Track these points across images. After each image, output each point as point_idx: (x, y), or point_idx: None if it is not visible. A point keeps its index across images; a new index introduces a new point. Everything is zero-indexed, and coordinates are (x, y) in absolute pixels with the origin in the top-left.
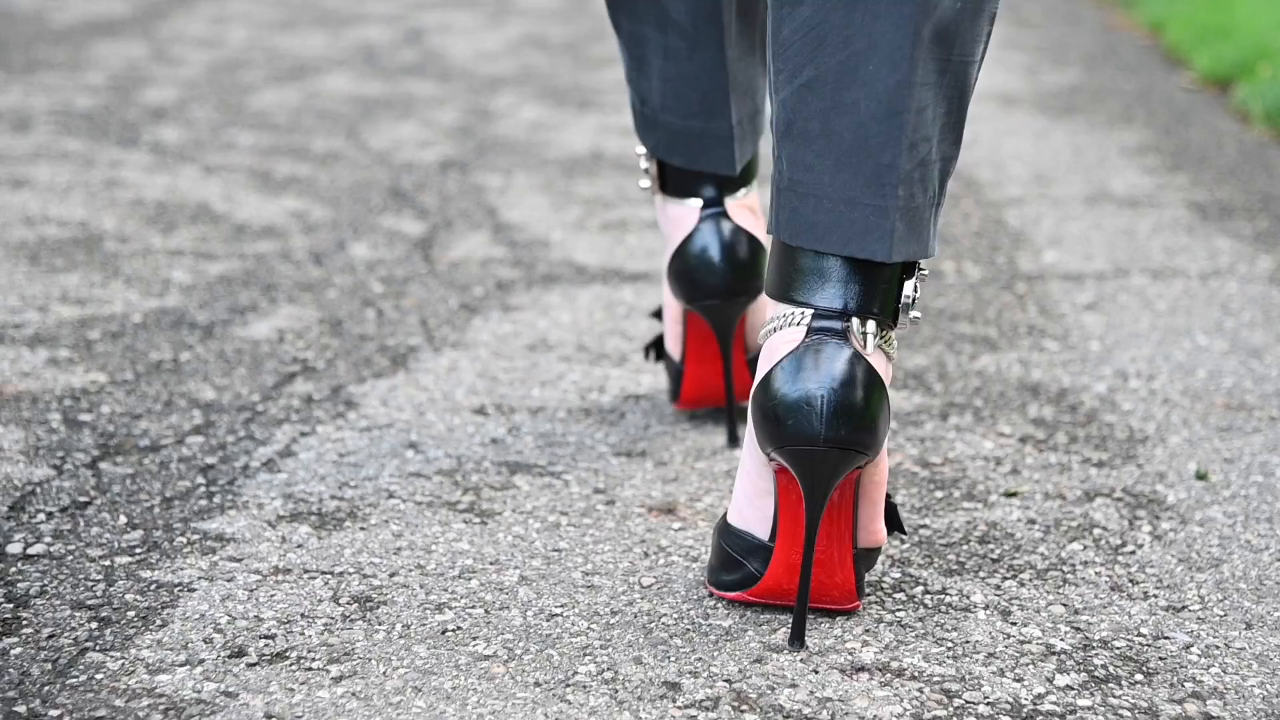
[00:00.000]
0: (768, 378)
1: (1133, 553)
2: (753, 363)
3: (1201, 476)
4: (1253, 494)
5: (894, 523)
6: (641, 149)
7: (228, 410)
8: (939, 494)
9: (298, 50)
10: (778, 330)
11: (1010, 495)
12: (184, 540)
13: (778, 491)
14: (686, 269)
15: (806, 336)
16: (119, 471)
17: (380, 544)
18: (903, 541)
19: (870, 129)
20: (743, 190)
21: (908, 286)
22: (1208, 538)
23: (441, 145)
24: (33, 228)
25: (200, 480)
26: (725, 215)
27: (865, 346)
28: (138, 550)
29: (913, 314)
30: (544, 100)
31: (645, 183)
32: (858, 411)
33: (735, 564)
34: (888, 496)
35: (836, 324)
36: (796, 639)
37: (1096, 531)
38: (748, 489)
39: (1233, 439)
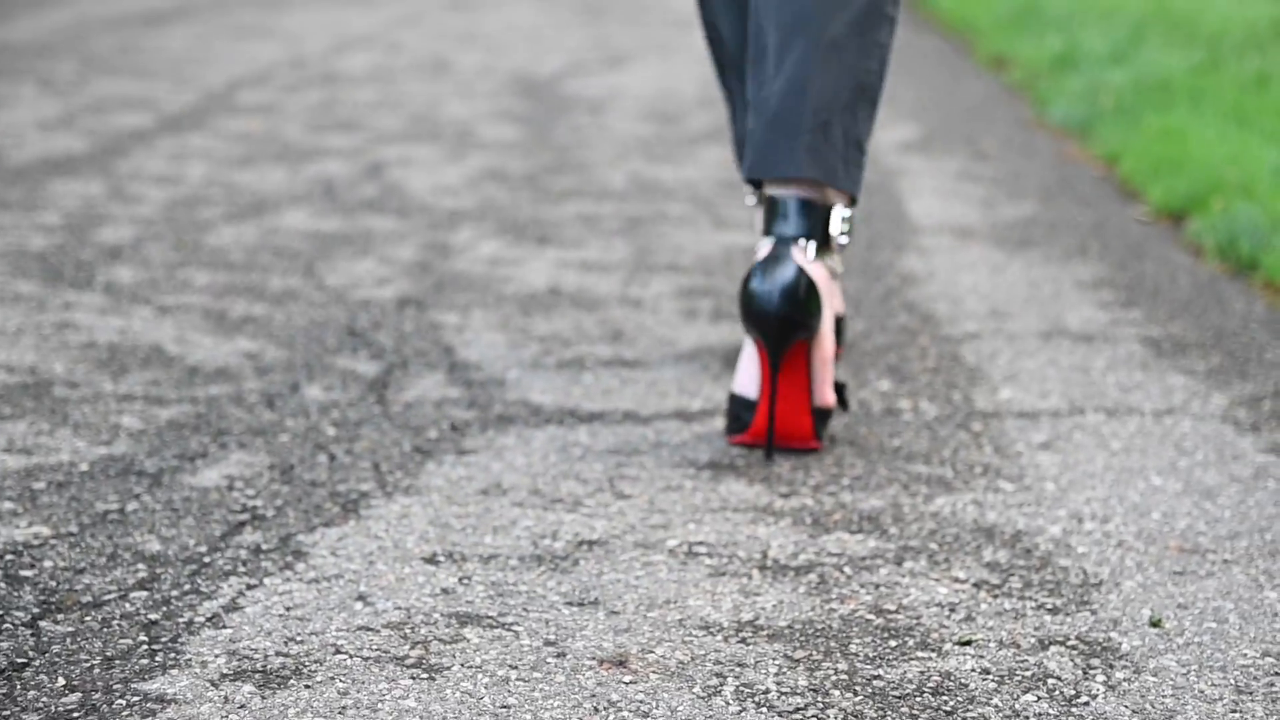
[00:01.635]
0: (747, 277)
1: (1086, 704)
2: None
3: (1155, 624)
4: (1206, 641)
5: (841, 400)
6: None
7: (173, 563)
8: (893, 643)
9: (257, 186)
10: (759, 249)
11: (964, 644)
12: (124, 703)
13: (759, 361)
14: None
15: (773, 249)
16: (59, 630)
17: (325, 703)
18: (855, 694)
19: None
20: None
21: (836, 222)
22: (1161, 688)
23: (399, 282)
24: None
25: (143, 638)
26: (793, 252)
27: (807, 258)
28: (75, 715)
29: (840, 240)
30: (503, 235)
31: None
32: (798, 300)
33: (735, 417)
34: (839, 383)
35: (789, 245)
36: (768, 456)
37: (1050, 682)
38: (745, 364)
39: (1186, 584)
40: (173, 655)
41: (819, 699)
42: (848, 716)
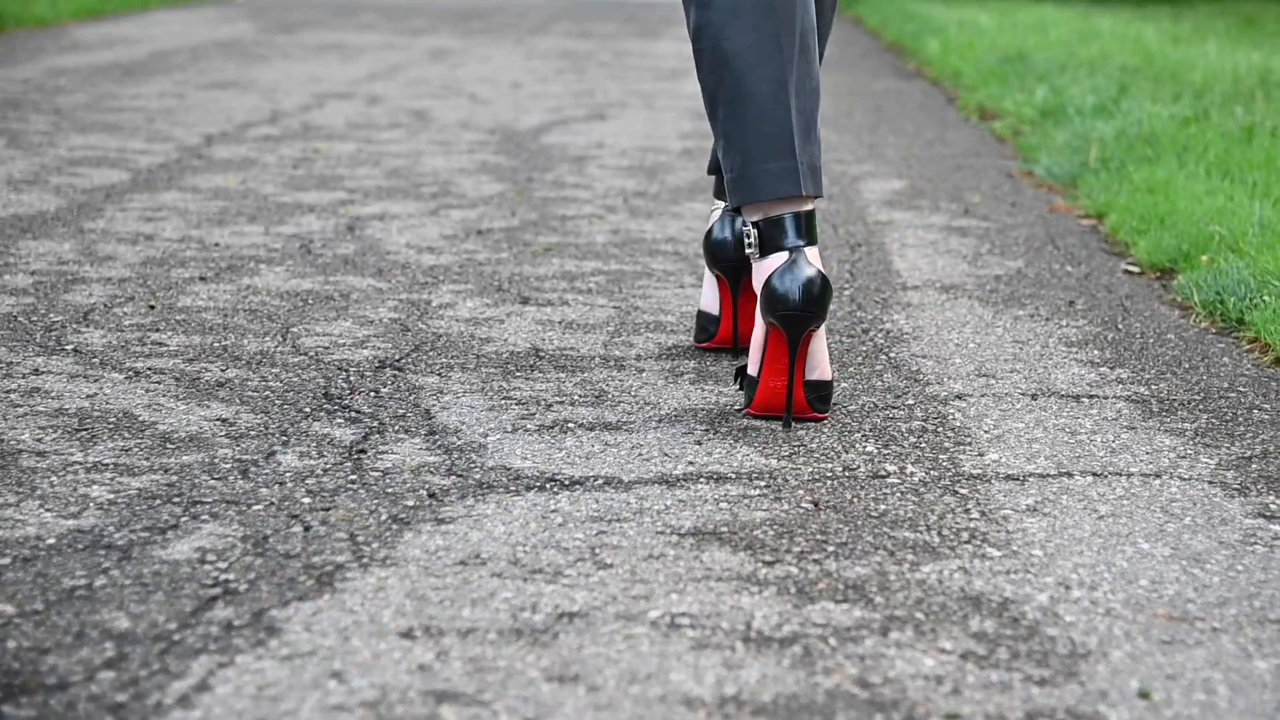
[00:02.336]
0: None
1: None
2: (810, 384)
3: (1144, 695)
4: (1195, 714)
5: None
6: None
7: (142, 640)
8: (879, 717)
9: (232, 244)
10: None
11: (951, 718)
12: None
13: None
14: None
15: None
16: (21, 715)
17: None
18: None
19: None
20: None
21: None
22: None
23: (377, 343)
24: None
25: None
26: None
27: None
28: None
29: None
30: (484, 294)
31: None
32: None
33: (703, 329)
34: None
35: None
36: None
37: None
38: (707, 288)
39: (1175, 653)
40: None
41: None
42: None
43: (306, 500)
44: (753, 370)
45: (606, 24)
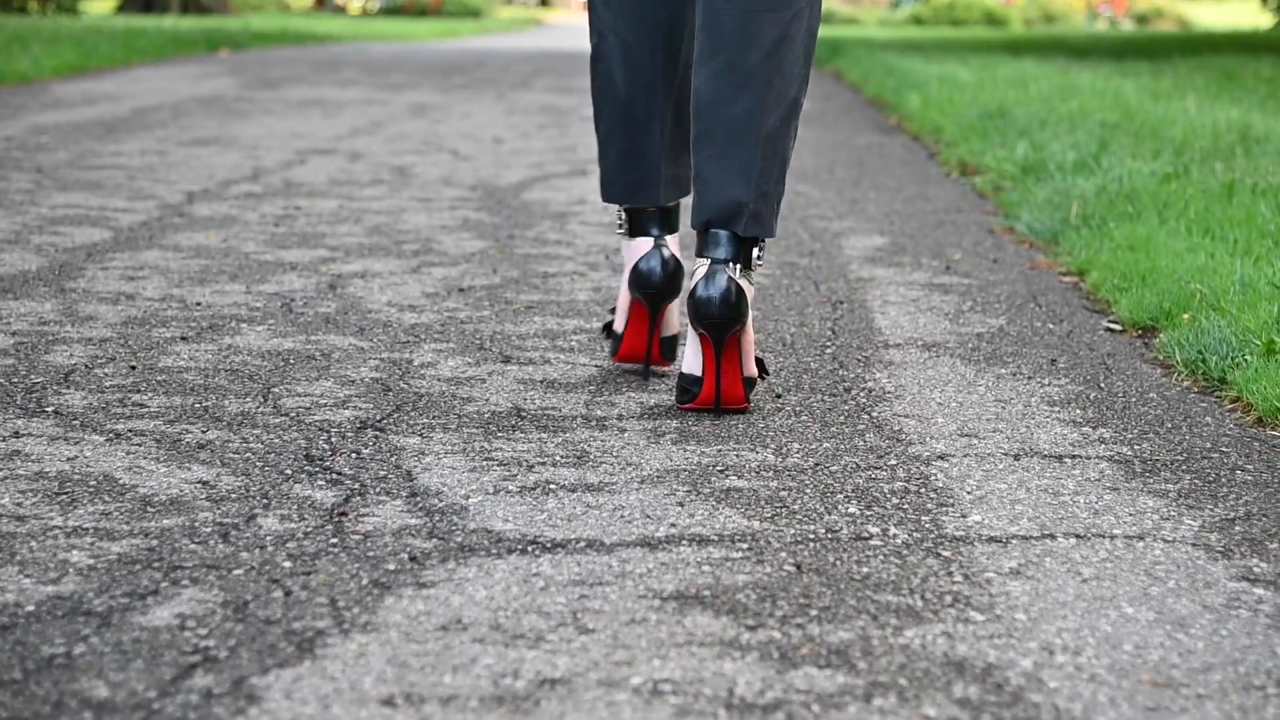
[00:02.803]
0: (694, 288)
1: None
2: (664, 340)
3: None
4: None
5: (762, 369)
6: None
7: (121, 710)
8: None
9: (213, 303)
10: (698, 268)
11: None
12: None
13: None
14: (639, 276)
15: (710, 268)
16: None
17: None
18: None
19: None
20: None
21: (755, 251)
22: None
23: (358, 403)
24: None
25: None
26: (665, 245)
27: (736, 274)
28: None
29: (756, 263)
30: (465, 352)
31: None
32: (733, 303)
33: (684, 390)
34: (760, 359)
35: (723, 265)
36: (716, 414)
37: None
38: (689, 351)
39: None
40: None
41: None
42: None
43: (287, 564)
44: (618, 327)
45: (587, 79)
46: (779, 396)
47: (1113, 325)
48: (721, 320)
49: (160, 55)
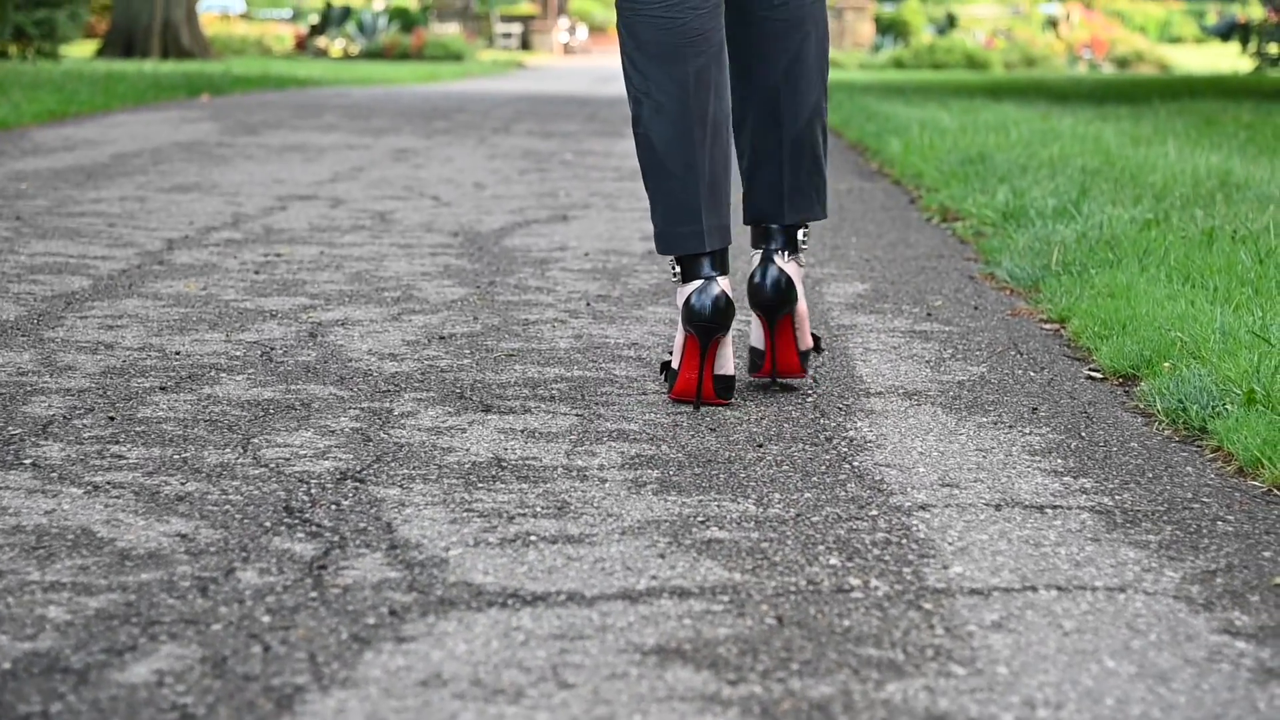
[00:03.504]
0: (751, 276)
1: None
2: (718, 378)
3: None
4: None
5: (818, 344)
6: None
7: None
8: None
9: (193, 352)
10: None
11: None
12: None
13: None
14: (690, 310)
15: (762, 256)
16: None
17: None
18: None
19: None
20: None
21: (800, 234)
22: None
23: (338, 454)
24: None
25: None
26: (716, 283)
27: (785, 260)
28: None
29: (802, 245)
30: (445, 402)
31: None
32: (782, 289)
33: (753, 363)
34: (815, 335)
35: (774, 254)
36: (774, 382)
37: None
38: (755, 333)
39: None
40: None
41: None
42: None
43: (266, 619)
44: (674, 365)
45: (569, 123)
46: (760, 446)
47: (1094, 373)
48: (773, 304)
49: (141, 100)
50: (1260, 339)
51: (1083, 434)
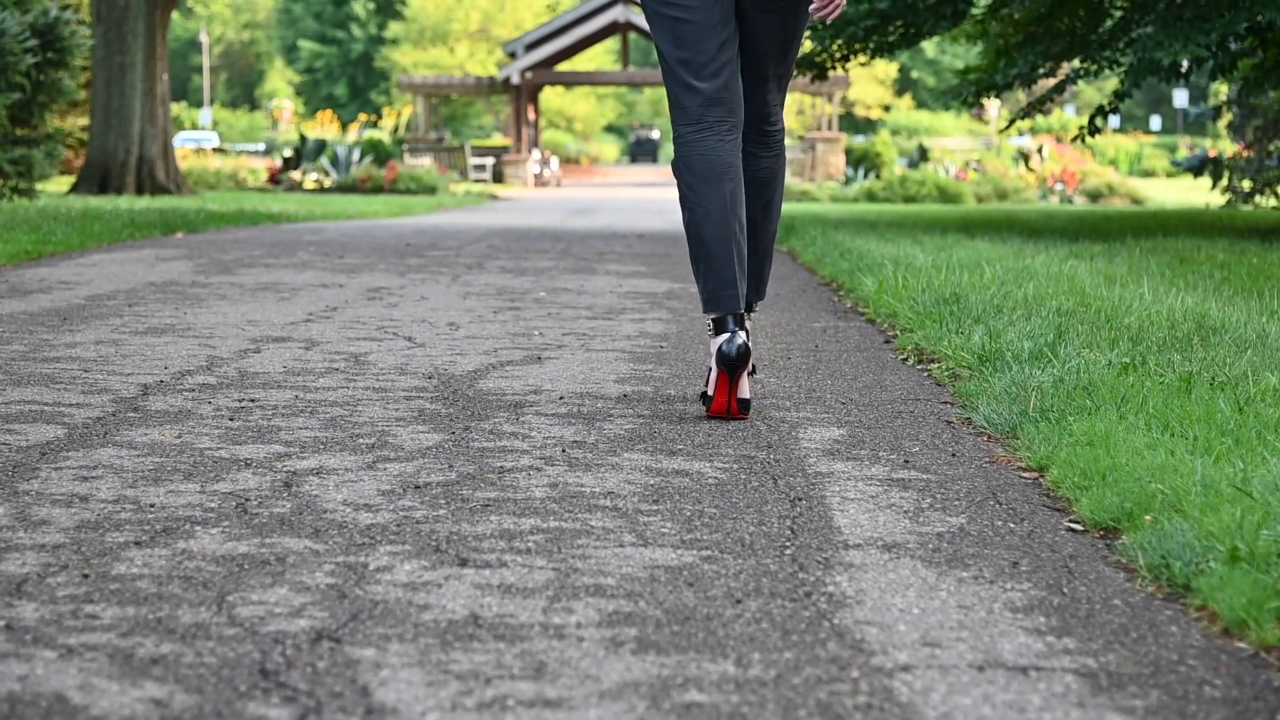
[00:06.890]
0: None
1: None
2: (740, 400)
3: None
4: None
5: (754, 370)
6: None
7: None
8: None
9: (168, 504)
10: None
11: None
12: None
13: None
14: (721, 354)
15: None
16: None
17: None
18: None
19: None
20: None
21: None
22: None
23: (313, 611)
24: None
25: None
26: (739, 334)
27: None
28: None
29: (751, 315)
30: (421, 555)
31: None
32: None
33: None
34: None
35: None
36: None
37: None
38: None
39: None
40: None
41: None
42: None
43: None
44: (710, 392)
45: (542, 259)
46: (739, 602)
47: (1074, 525)
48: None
49: (116, 239)
50: (1242, 492)
51: (1065, 590)
